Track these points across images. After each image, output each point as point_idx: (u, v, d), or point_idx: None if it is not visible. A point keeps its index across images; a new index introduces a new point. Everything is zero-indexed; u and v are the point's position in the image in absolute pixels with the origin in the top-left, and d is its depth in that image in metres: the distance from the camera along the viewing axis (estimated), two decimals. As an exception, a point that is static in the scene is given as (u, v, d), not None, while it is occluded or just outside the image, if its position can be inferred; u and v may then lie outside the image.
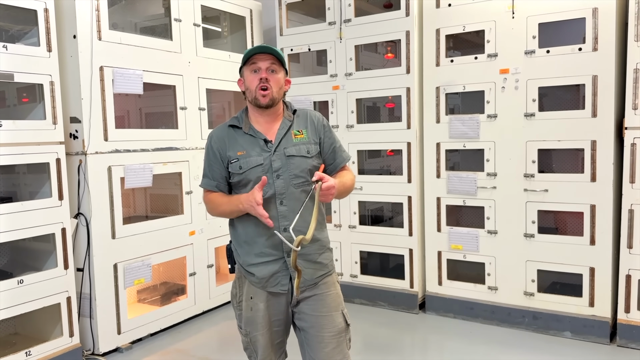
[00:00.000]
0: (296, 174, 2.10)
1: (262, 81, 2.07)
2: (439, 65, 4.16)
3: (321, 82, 4.65)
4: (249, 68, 2.11)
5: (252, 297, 2.14)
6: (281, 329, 2.19)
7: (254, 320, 2.13)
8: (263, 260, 2.11)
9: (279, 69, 2.12)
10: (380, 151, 4.75)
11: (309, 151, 2.15)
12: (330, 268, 2.23)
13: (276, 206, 2.08)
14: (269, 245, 2.10)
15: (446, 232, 4.22)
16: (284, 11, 4.86)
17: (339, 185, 2.03)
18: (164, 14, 4.32)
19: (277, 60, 2.10)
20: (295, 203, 2.09)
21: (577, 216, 3.75)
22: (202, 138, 4.38)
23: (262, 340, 2.14)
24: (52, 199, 3.38)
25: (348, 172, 2.27)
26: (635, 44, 3.44)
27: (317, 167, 2.15)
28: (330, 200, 2.02)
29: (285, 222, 2.07)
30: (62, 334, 3.44)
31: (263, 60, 2.08)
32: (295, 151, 2.12)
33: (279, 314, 2.16)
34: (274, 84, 2.09)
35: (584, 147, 3.64)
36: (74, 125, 3.57)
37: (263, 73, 2.08)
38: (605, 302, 3.66)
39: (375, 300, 4.55)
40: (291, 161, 2.10)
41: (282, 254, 2.10)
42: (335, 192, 1.99)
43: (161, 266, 4.37)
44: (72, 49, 3.51)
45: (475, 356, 3.59)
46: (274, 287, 2.11)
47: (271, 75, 2.09)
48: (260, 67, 2.08)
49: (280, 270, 2.11)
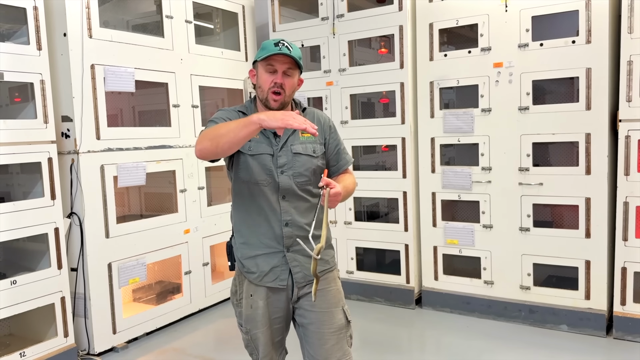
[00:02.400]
0: (300, 172, 2.08)
1: (276, 86, 2.01)
2: (432, 60, 4.14)
3: (315, 78, 4.63)
4: (265, 66, 2.02)
5: (251, 295, 2.12)
6: (281, 325, 2.18)
7: (254, 318, 2.11)
8: (263, 252, 2.09)
9: (295, 71, 2.05)
10: (375, 147, 4.73)
11: (315, 150, 2.13)
12: (332, 264, 2.22)
13: (278, 200, 2.07)
14: (269, 236, 2.08)
15: (442, 227, 4.21)
16: (277, 7, 4.83)
17: (342, 190, 2.00)
18: (155, 11, 4.29)
19: (294, 63, 2.02)
20: (296, 199, 2.08)
21: (572, 209, 3.75)
22: (196, 136, 4.36)
23: (263, 337, 2.12)
24: (44, 199, 3.35)
25: (350, 175, 2.25)
26: (628, 36, 3.44)
27: (321, 167, 2.13)
28: (335, 206, 1.99)
29: (287, 217, 2.06)
30: (56, 335, 3.42)
31: (281, 62, 2.00)
32: (302, 149, 2.10)
33: (279, 310, 2.14)
34: (288, 88, 2.04)
35: (578, 140, 3.63)
36: (66, 124, 3.54)
37: (278, 77, 2.01)
38: (601, 294, 3.66)
39: (372, 296, 4.54)
40: (297, 159, 2.08)
41: (282, 247, 2.09)
42: (340, 198, 1.97)
43: (156, 265, 4.35)
44: (63, 47, 3.48)
45: (472, 351, 3.59)
46: (272, 282, 2.10)
47: (286, 79, 2.02)
48: (276, 70, 2.01)
49: (279, 265, 2.09)
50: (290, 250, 2.09)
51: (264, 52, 2.01)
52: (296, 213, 2.08)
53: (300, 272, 2.10)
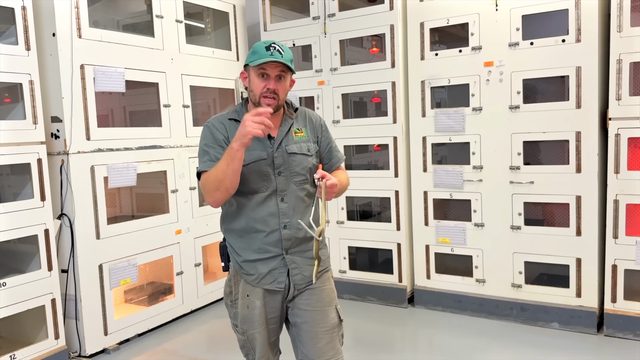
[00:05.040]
0: (297, 172, 2.09)
1: (269, 92, 1.99)
2: (423, 59, 4.15)
3: (306, 77, 4.62)
4: (257, 71, 2.00)
5: (248, 295, 2.11)
6: (277, 325, 2.18)
7: (251, 318, 2.11)
8: (262, 256, 2.08)
9: (287, 74, 2.03)
10: (367, 146, 4.73)
11: (309, 149, 2.14)
12: (328, 264, 2.24)
13: (277, 203, 2.06)
14: (267, 242, 2.07)
15: (434, 226, 4.22)
16: (268, 6, 4.82)
17: (338, 184, 2.03)
18: (146, 11, 4.27)
19: (286, 66, 1.99)
20: (295, 200, 2.08)
21: (563, 207, 3.77)
22: (187, 136, 4.34)
23: (260, 338, 2.12)
24: (34, 200, 3.33)
25: (343, 171, 2.28)
26: (617, 34, 3.45)
27: (315, 165, 2.14)
28: (331, 198, 2.01)
29: (286, 220, 2.06)
30: (47, 337, 3.40)
31: (273, 67, 1.97)
32: (297, 149, 2.10)
33: (274, 310, 2.14)
34: (281, 92, 2.02)
35: (568, 139, 3.65)
36: (55, 124, 3.52)
37: (271, 84, 1.99)
38: (592, 292, 3.68)
39: (365, 296, 4.55)
40: (292, 158, 2.08)
41: (280, 250, 2.08)
42: (337, 190, 2.00)
43: (147, 266, 4.33)
44: (52, 48, 3.45)
45: (464, 349, 3.60)
46: (270, 284, 2.09)
47: (279, 83, 2.01)
48: (268, 75, 1.99)
49: (277, 267, 2.09)
50: (289, 252, 2.09)
51: (256, 56, 1.99)
52: (294, 215, 2.07)
53: (299, 274, 2.10)
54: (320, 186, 1.95)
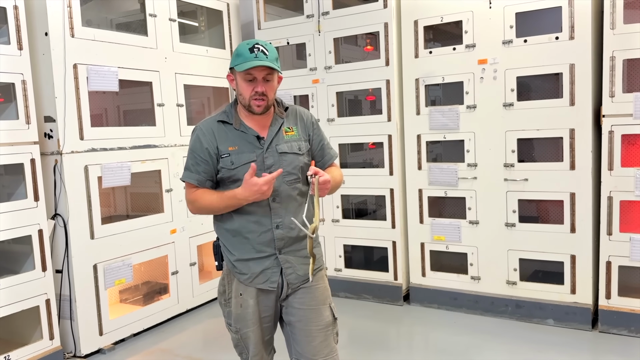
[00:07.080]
0: (289, 171, 2.08)
1: (258, 94, 1.99)
2: (417, 57, 4.15)
3: (301, 75, 4.61)
4: (244, 75, 1.99)
5: (241, 294, 2.11)
6: (271, 324, 2.19)
7: (244, 317, 2.11)
8: (255, 256, 2.09)
9: (274, 74, 2.03)
10: (362, 144, 4.73)
11: (300, 148, 2.14)
12: (322, 262, 2.25)
13: (269, 203, 2.06)
14: (260, 241, 2.08)
15: (429, 224, 4.23)
16: (262, 4, 4.81)
17: (331, 180, 2.03)
18: (139, 10, 4.25)
19: (272, 67, 1.99)
20: (287, 200, 2.08)
21: (557, 204, 3.78)
22: (181, 135, 4.33)
23: (254, 336, 2.12)
24: (27, 200, 3.32)
25: (336, 168, 2.28)
26: (611, 32, 3.46)
27: (307, 164, 2.14)
28: (325, 195, 2.01)
29: (278, 219, 2.06)
30: (42, 337, 3.39)
31: (259, 70, 1.97)
32: (287, 148, 2.10)
33: (268, 309, 2.14)
34: (270, 92, 2.03)
35: (562, 136, 3.66)
36: (49, 124, 3.50)
37: (259, 86, 1.99)
38: (587, 289, 3.69)
39: (360, 293, 4.55)
40: (284, 158, 2.08)
41: (274, 250, 2.09)
42: (330, 186, 2.00)
43: (142, 265, 4.32)
44: (44, 47, 3.44)
45: (460, 346, 3.60)
46: (263, 283, 2.09)
47: (266, 85, 2.01)
48: (255, 78, 1.99)
49: (270, 267, 2.09)
50: (282, 252, 2.09)
51: (241, 59, 1.98)
52: (287, 214, 2.07)
53: (293, 273, 2.11)
54: (313, 183, 1.95)
